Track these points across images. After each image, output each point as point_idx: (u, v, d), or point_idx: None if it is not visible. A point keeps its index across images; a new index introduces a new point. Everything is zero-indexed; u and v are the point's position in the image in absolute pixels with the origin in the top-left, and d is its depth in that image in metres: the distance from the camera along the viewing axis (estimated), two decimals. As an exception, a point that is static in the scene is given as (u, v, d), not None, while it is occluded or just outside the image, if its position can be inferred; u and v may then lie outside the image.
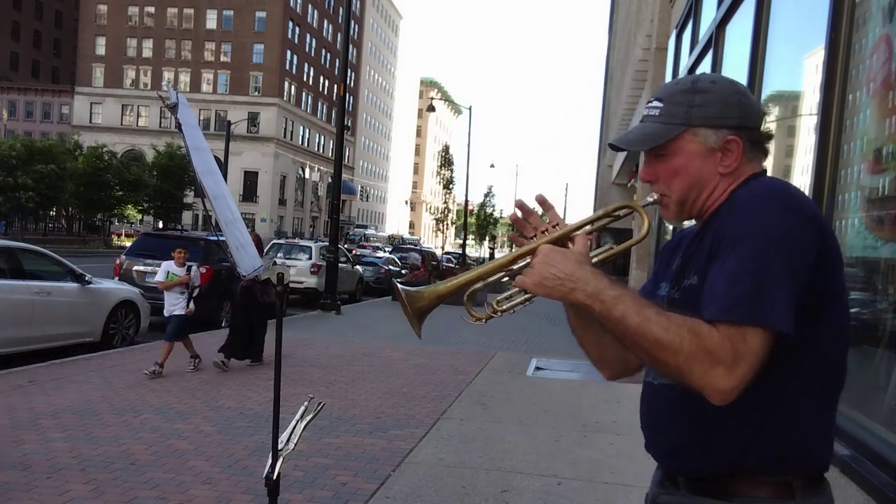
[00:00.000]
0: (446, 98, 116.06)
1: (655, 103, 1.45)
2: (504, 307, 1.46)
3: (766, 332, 1.22)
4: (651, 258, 10.13)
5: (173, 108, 2.60)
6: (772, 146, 4.73)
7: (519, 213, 1.48)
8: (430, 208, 55.32)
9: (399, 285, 1.47)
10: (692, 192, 1.43)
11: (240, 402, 6.62)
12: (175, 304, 7.74)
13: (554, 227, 1.46)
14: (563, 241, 1.43)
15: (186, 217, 59.93)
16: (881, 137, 2.71)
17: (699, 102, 1.40)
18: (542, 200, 1.49)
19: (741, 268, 1.25)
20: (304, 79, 73.26)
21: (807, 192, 3.30)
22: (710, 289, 1.28)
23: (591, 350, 1.60)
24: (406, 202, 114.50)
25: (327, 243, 16.71)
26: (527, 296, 1.42)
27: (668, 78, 9.62)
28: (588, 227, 1.47)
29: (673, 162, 1.42)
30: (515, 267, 1.44)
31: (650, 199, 1.48)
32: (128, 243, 33.48)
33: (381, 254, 28.60)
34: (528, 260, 1.41)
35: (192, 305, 7.68)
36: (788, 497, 1.33)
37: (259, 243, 8.70)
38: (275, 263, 16.74)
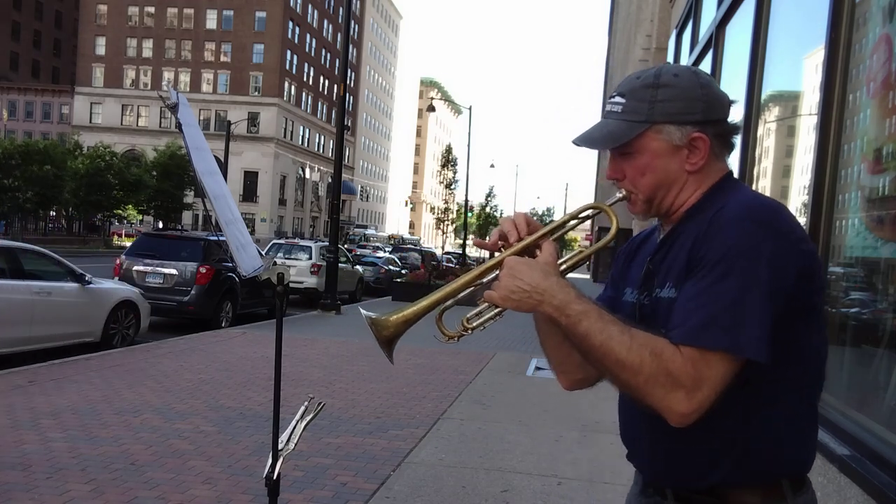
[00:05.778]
0: (446, 98, 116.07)
1: (618, 98, 1.39)
2: (474, 324, 1.41)
3: (733, 357, 1.20)
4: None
5: (174, 108, 2.59)
6: (772, 146, 4.68)
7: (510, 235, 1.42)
8: (431, 208, 55.26)
9: (364, 312, 1.42)
10: (660, 191, 1.40)
11: (240, 402, 6.62)
12: None
13: (524, 237, 1.41)
14: (531, 249, 1.39)
15: (186, 217, 59.97)
16: (881, 137, 2.71)
17: (662, 97, 1.34)
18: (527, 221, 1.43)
19: (716, 290, 1.21)
20: (304, 79, 73.29)
21: (806, 193, 3.30)
22: (680, 308, 1.26)
23: (551, 354, 1.55)
24: (406, 202, 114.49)
25: (327, 243, 16.72)
26: (497, 310, 1.39)
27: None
28: (557, 233, 1.43)
29: (638, 160, 1.38)
30: (485, 280, 1.40)
31: (618, 196, 1.44)
32: (128, 243, 33.49)
33: (381, 254, 28.60)
34: (496, 273, 1.37)
35: None
36: (780, 499, 1.32)
37: None
38: (275, 263, 16.72)
